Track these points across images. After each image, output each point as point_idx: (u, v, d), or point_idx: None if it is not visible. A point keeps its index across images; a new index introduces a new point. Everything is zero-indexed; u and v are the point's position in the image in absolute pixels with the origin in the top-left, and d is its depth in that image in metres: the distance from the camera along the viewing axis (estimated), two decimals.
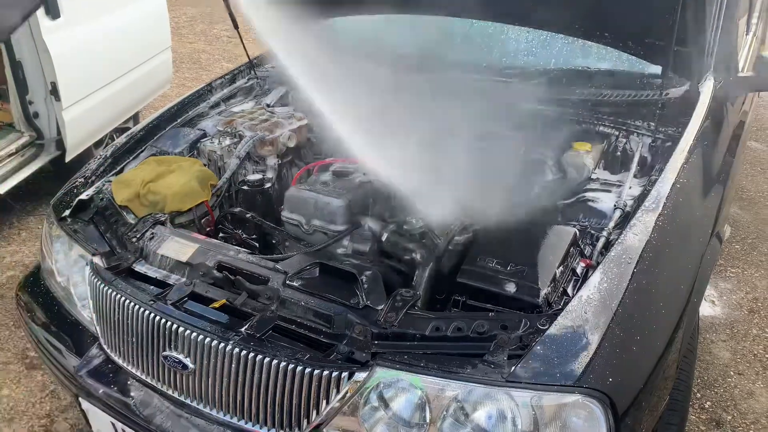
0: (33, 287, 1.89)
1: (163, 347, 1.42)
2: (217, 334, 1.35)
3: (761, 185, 4.18)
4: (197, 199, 1.85)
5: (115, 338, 1.56)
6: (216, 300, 1.47)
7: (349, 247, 1.70)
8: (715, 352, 2.65)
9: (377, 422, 1.24)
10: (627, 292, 1.26)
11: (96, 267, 1.63)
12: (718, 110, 1.96)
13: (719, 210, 1.84)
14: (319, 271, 1.52)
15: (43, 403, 2.39)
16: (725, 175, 1.98)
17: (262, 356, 1.30)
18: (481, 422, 1.17)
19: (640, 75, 2.01)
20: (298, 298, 1.43)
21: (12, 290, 2.89)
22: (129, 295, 1.50)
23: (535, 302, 1.36)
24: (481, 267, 1.45)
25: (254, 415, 1.34)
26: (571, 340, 1.18)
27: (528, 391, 1.14)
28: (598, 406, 1.12)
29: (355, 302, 1.39)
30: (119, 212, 1.83)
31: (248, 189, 2.01)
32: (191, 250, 1.62)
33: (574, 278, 1.46)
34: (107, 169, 2.02)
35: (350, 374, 1.24)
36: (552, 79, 2.08)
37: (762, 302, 2.97)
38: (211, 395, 1.38)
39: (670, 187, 1.54)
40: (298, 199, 1.77)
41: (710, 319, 2.85)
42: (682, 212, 1.54)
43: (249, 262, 1.56)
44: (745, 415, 2.33)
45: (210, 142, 2.10)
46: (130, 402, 1.50)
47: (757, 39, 3.04)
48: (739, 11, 2.35)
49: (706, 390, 2.44)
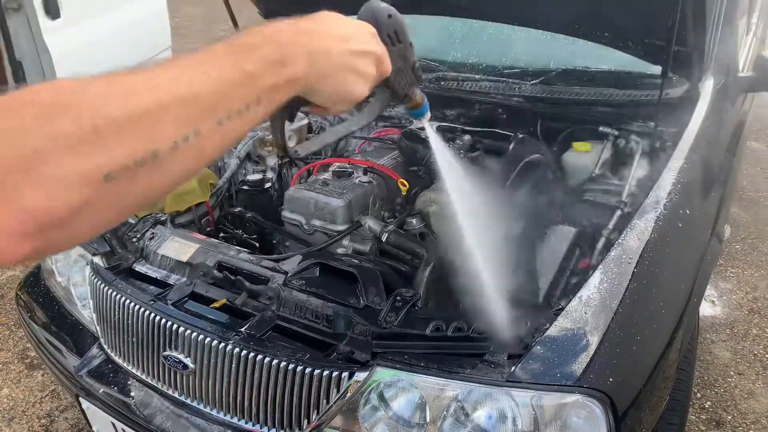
0: (33, 287, 1.89)
1: (163, 347, 1.42)
2: (218, 334, 1.36)
3: (761, 185, 4.18)
4: (197, 199, 1.85)
5: (115, 338, 1.56)
6: (216, 300, 1.47)
7: (349, 247, 1.70)
8: (715, 352, 2.65)
9: (377, 422, 1.24)
10: (627, 293, 1.26)
11: (96, 267, 1.63)
12: (718, 110, 1.96)
13: (719, 210, 1.84)
14: (320, 271, 1.52)
15: (43, 403, 2.39)
16: (725, 175, 1.98)
17: (262, 356, 1.30)
18: (481, 422, 1.17)
19: (640, 75, 2.01)
20: (298, 298, 1.43)
21: (12, 290, 2.89)
22: (129, 295, 1.50)
23: (535, 302, 1.36)
24: None
25: (254, 415, 1.34)
26: (571, 340, 1.19)
27: (528, 390, 1.14)
28: (599, 405, 1.12)
29: (356, 302, 1.39)
30: None
31: (248, 189, 2.01)
32: (191, 250, 1.62)
33: (574, 278, 1.46)
34: None
35: (350, 374, 1.24)
36: (552, 79, 2.09)
37: (762, 302, 2.97)
38: (211, 395, 1.38)
39: (670, 187, 1.54)
40: (298, 199, 1.77)
41: (710, 319, 2.85)
42: (682, 212, 1.54)
43: (249, 262, 1.56)
44: (745, 415, 2.33)
45: None
46: (130, 402, 1.50)
47: (757, 39, 3.04)
48: (739, 11, 2.35)
49: (706, 390, 2.44)
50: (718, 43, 2.03)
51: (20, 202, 0.44)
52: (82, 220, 0.47)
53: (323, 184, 1.79)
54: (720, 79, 2.03)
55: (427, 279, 1.54)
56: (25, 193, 0.44)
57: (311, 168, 2.06)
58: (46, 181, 0.44)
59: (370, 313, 1.36)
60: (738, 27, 2.33)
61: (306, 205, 1.75)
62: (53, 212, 0.45)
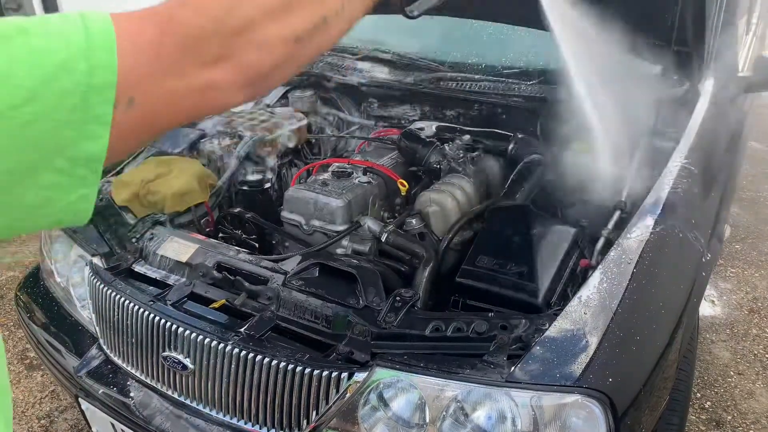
0: (33, 287, 1.89)
1: (162, 348, 1.42)
2: (217, 335, 1.35)
3: (761, 185, 4.18)
4: (196, 200, 1.85)
5: (114, 339, 1.56)
6: (215, 300, 1.47)
7: (349, 247, 1.70)
8: (715, 352, 2.64)
9: (377, 422, 1.24)
10: (627, 293, 1.26)
11: (95, 267, 1.63)
12: (718, 110, 1.96)
13: (719, 210, 1.84)
14: (319, 271, 1.52)
15: (43, 403, 2.39)
16: (725, 175, 1.98)
17: (261, 356, 1.30)
18: (480, 422, 1.17)
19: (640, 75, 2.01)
20: (297, 298, 1.43)
21: (12, 290, 2.89)
22: (128, 295, 1.50)
23: (535, 302, 1.36)
24: (481, 267, 1.45)
25: (254, 415, 1.34)
26: (570, 341, 1.18)
27: (528, 391, 1.14)
28: (598, 406, 1.12)
29: (355, 302, 1.39)
30: (119, 212, 1.83)
31: (248, 189, 2.01)
32: (191, 250, 1.62)
33: (574, 278, 1.45)
34: (107, 170, 2.03)
35: (350, 374, 1.24)
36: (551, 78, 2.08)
37: (762, 302, 2.97)
38: (210, 396, 1.38)
39: (670, 187, 1.54)
40: (298, 199, 1.77)
41: (710, 319, 2.85)
42: (682, 212, 1.54)
43: (249, 262, 1.56)
44: (745, 415, 2.32)
45: (210, 142, 2.10)
46: (129, 402, 1.50)
47: (757, 39, 3.04)
48: (739, 11, 2.34)
49: (706, 390, 2.44)
50: (718, 43, 2.03)
51: (241, 61, 0.55)
52: (278, 74, 0.60)
53: (323, 185, 1.79)
54: (720, 79, 2.03)
55: (427, 279, 1.54)
56: (244, 53, 0.55)
57: (311, 168, 2.06)
58: (258, 43, 0.56)
59: (370, 313, 1.36)
60: (738, 27, 2.33)
61: (305, 206, 1.75)
62: (263, 68, 0.57)
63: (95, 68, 0.46)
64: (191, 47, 0.52)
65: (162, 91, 0.52)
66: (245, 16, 0.54)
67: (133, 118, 0.50)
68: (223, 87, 0.55)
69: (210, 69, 0.54)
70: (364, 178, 1.84)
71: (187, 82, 0.53)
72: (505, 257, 1.46)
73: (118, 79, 0.48)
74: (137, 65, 0.49)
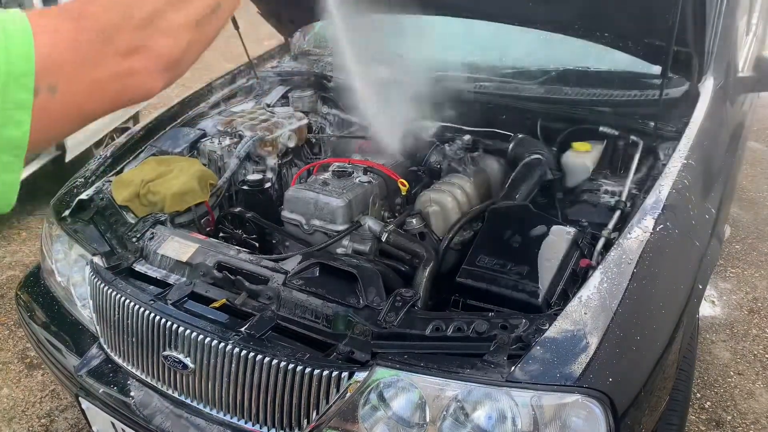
0: (33, 287, 1.89)
1: (163, 347, 1.42)
2: (217, 334, 1.36)
3: (761, 185, 4.18)
4: (197, 199, 1.85)
5: (115, 338, 1.56)
6: (216, 300, 1.47)
7: (349, 247, 1.70)
8: (715, 352, 2.65)
9: (377, 422, 1.24)
10: (627, 293, 1.26)
11: (96, 267, 1.63)
12: (718, 110, 1.96)
13: (719, 210, 1.84)
14: (319, 271, 1.52)
15: (43, 402, 2.39)
16: (725, 175, 1.98)
17: (261, 356, 1.30)
18: (480, 422, 1.17)
19: (640, 75, 2.01)
20: (298, 297, 1.43)
21: (12, 290, 2.90)
22: (129, 294, 1.50)
23: (535, 302, 1.36)
24: (481, 267, 1.45)
25: (254, 414, 1.34)
26: (570, 341, 1.18)
27: (528, 391, 1.14)
28: (598, 406, 1.12)
29: (355, 302, 1.39)
30: (119, 212, 1.83)
31: (248, 189, 2.01)
32: (191, 250, 1.62)
33: (574, 278, 1.46)
34: (107, 169, 2.03)
35: (350, 374, 1.24)
36: (551, 79, 2.08)
37: (762, 302, 2.97)
38: (210, 395, 1.38)
39: (670, 187, 1.54)
40: (298, 199, 1.77)
41: (710, 319, 2.85)
42: (682, 212, 1.54)
43: (249, 262, 1.56)
44: (745, 415, 2.33)
45: (210, 142, 2.11)
46: (130, 402, 1.50)
47: (757, 39, 3.04)
48: (739, 11, 2.34)
49: (706, 390, 2.44)
50: (718, 43, 2.03)
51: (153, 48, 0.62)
52: (188, 57, 0.67)
53: (323, 184, 1.79)
54: (720, 79, 2.03)
55: (427, 279, 1.54)
56: (155, 41, 0.62)
57: (311, 168, 2.06)
58: (164, 30, 0.62)
59: (370, 313, 1.36)
60: (738, 27, 2.33)
61: (306, 205, 1.75)
62: (174, 53, 0.64)
63: (13, 58, 0.51)
64: (106, 39, 0.58)
65: (85, 79, 0.57)
66: (150, 8, 0.61)
67: (58, 105, 0.55)
68: (143, 73, 0.62)
69: (127, 58, 0.60)
70: (364, 177, 1.84)
71: (108, 71, 0.59)
72: (505, 257, 1.46)
73: (36, 67, 0.52)
74: (54, 54, 0.54)
